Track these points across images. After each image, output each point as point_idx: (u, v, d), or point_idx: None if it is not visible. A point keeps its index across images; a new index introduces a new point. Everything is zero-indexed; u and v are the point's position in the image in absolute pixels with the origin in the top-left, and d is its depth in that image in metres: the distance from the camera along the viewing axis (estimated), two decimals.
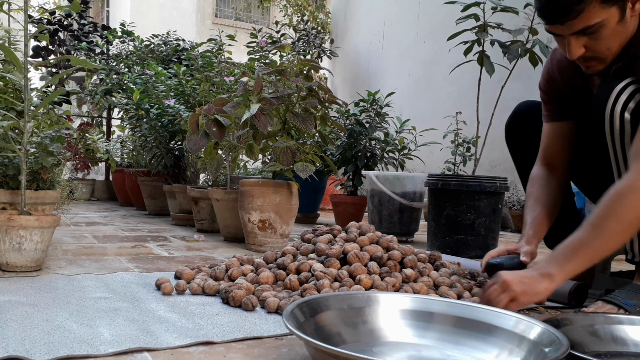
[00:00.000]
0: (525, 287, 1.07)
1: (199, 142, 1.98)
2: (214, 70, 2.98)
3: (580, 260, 1.09)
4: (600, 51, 1.20)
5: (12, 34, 1.94)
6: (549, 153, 1.50)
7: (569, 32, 1.18)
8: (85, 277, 1.45)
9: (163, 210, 3.52)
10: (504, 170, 3.82)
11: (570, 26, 1.16)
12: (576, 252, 1.09)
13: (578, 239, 1.10)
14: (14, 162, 1.56)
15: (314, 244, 1.45)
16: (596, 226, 1.09)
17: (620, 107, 1.19)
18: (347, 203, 3.28)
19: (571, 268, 1.09)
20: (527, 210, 1.43)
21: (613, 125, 1.22)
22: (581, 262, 1.09)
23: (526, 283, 1.08)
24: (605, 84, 1.24)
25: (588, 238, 1.09)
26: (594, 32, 1.16)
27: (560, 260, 1.09)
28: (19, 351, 0.84)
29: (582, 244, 1.10)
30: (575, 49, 1.20)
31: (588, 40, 1.18)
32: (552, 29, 1.20)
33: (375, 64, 5.79)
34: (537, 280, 1.08)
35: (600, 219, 1.09)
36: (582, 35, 1.18)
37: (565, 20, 1.15)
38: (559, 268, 1.09)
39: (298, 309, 0.90)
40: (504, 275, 1.09)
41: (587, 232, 1.10)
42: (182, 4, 11.63)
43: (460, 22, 2.33)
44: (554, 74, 1.47)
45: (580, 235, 1.10)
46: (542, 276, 1.09)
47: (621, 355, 0.97)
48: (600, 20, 1.14)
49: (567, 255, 1.09)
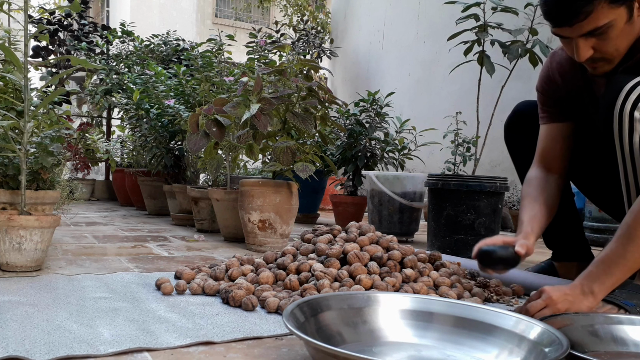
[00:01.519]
0: (569, 305, 1.08)
1: (199, 142, 1.98)
2: (214, 70, 2.98)
3: (619, 274, 1.10)
4: (608, 52, 1.19)
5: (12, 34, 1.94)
6: (546, 155, 1.49)
7: (577, 34, 1.17)
8: (85, 277, 1.45)
9: (163, 210, 3.52)
10: (504, 170, 3.83)
11: (579, 28, 1.15)
12: (615, 266, 1.10)
13: (613, 252, 1.10)
14: (14, 162, 1.56)
15: (314, 244, 1.45)
16: (629, 236, 1.09)
17: (630, 106, 1.18)
18: (347, 203, 3.28)
19: (612, 283, 1.10)
20: (524, 209, 1.42)
21: (622, 124, 1.21)
22: (620, 276, 1.10)
23: (571, 301, 1.09)
24: (614, 83, 1.23)
25: (622, 250, 1.09)
26: (602, 33, 1.15)
27: (601, 277, 1.10)
28: (19, 351, 0.84)
29: (618, 256, 1.10)
30: (584, 50, 1.19)
31: (596, 41, 1.17)
32: (560, 31, 1.19)
33: (375, 64, 5.79)
34: (580, 298, 1.10)
35: (632, 228, 1.09)
36: (591, 37, 1.17)
37: (573, 23, 1.14)
38: (601, 284, 1.10)
39: (298, 309, 0.90)
40: (550, 292, 1.10)
41: (620, 244, 1.10)
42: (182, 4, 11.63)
43: (460, 22, 2.33)
44: (554, 76, 1.46)
45: (614, 248, 1.11)
46: (585, 294, 1.10)
47: (621, 356, 0.97)
48: (609, 21, 1.13)
49: (607, 270, 1.10)
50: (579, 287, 1.12)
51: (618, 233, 1.11)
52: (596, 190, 1.67)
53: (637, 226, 1.08)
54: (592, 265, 1.13)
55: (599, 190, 1.64)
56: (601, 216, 2.93)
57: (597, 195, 1.68)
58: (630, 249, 1.08)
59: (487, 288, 1.42)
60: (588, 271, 1.13)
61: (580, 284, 1.12)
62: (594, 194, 1.69)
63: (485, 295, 1.37)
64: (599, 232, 2.91)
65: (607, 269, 1.10)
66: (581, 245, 1.73)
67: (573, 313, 1.07)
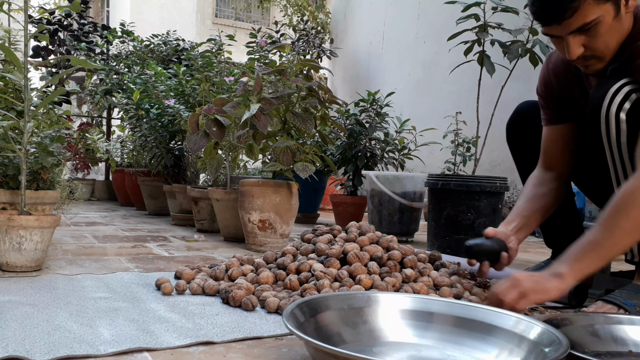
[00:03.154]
0: (535, 284, 1.08)
1: (199, 142, 1.98)
2: (214, 70, 2.98)
3: (591, 260, 1.10)
4: (598, 49, 1.21)
5: (12, 34, 1.94)
6: (548, 156, 1.51)
7: (566, 31, 1.18)
8: (85, 277, 1.45)
9: (163, 210, 3.52)
10: (504, 170, 3.82)
11: (567, 25, 1.17)
12: (586, 252, 1.10)
13: (588, 239, 1.11)
14: (14, 162, 1.56)
15: (314, 244, 1.45)
16: (606, 226, 1.10)
17: (616, 108, 1.20)
18: (347, 203, 3.28)
19: (580, 267, 1.09)
20: (520, 205, 1.45)
21: (609, 126, 1.23)
22: (592, 262, 1.10)
23: (536, 281, 1.08)
24: (600, 85, 1.25)
25: (598, 238, 1.10)
26: (591, 29, 1.17)
27: (570, 260, 1.10)
28: (19, 351, 0.84)
29: (592, 244, 1.10)
30: (574, 48, 1.20)
31: (586, 38, 1.19)
32: (550, 30, 1.21)
33: (375, 64, 5.79)
34: (547, 278, 1.09)
35: (610, 218, 1.10)
36: (580, 34, 1.18)
37: (561, 20, 1.16)
38: (569, 267, 1.09)
39: (298, 309, 0.90)
40: (515, 273, 1.11)
41: (597, 232, 1.11)
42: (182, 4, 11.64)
43: (460, 22, 2.33)
44: (550, 77, 1.48)
45: (590, 236, 1.12)
46: (553, 275, 1.09)
47: (621, 355, 0.97)
48: (597, 17, 1.15)
49: (578, 255, 1.10)
50: (547, 270, 1.12)
51: (597, 221, 1.13)
52: (595, 190, 1.67)
53: (614, 217, 1.10)
54: (568, 249, 1.13)
55: (598, 189, 1.64)
56: None
57: (597, 194, 1.68)
58: (606, 239, 1.09)
59: (487, 288, 1.42)
60: (563, 255, 1.13)
61: (551, 267, 1.12)
62: (593, 194, 1.69)
63: (485, 295, 1.37)
64: None
65: (580, 254, 1.10)
66: None
67: (573, 313, 1.07)
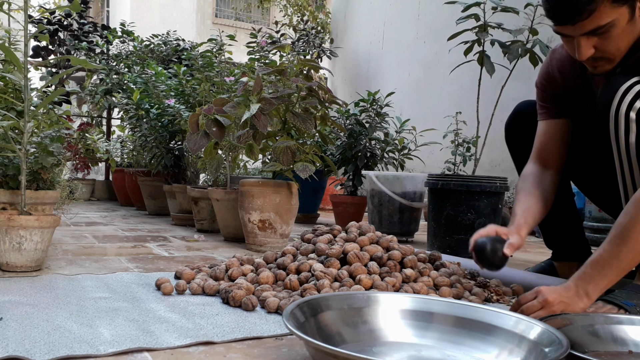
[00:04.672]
0: (565, 307, 1.10)
1: (199, 142, 1.98)
2: (214, 70, 2.98)
3: (613, 275, 1.11)
4: (609, 51, 1.19)
5: (12, 34, 1.94)
6: (543, 151, 1.50)
7: (579, 32, 1.17)
8: (85, 277, 1.45)
9: (163, 210, 3.52)
10: (504, 170, 3.82)
11: (581, 27, 1.15)
12: (609, 267, 1.10)
13: (607, 253, 1.11)
14: (14, 162, 1.56)
15: (314, 244, 1.45)
16: (623, 237, 1.09)
17: (626, 107, 1.18)
18: (347, 203, 3.28)
19: (606, 284, 1.11)
20: (518, 203, 1.43)
21: (618, 125, 1.21)
22: (614, 277, 1.11)
23: (566, 303, 1.10)
24: (610, 83, 1.23)
25: (617, 251, 1.10)
26: (604, 32, 1.15)
27: (595, 278, 1.11)
28: (19, 351, 0.84)
29: (612, 257, 1.10)
30: (585, 49, 1.19)
31: (598, 40, 1.17)
32: (562, 29, 1.19)
33: (375, 64, 5.79)
34: (575, 300, 1.11)
35: (626, 229, 1.09)
36: (592, 36, 1.17)
37: (576, 21, 1.14)
38: (595, 286, 1.11)
39: (298, 309, 0.90)
40: (546, 294, 1.11)
41: (615, 244, 1.10)
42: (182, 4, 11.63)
43: (460, 22, 2.33)
44: (553, 73, 1.47)
45: (608, 249, 1.11)
46: (580, 296, 1.11)
47: (621, 355, 0.97)
48: (611, 20, 1.13)
49: (601, 272, 1.11)
50: (573, 288, 1.12)
51: (612, 233, 1.12)
52: (596, 190, 1.67)
53: (631, 227, 1.09)
54: (586, 265, 1.14)
55: (599, 189, 1.64)
56: (601, 216, 2.93)
57: (597, 194, 1.68)
58: (624, 250, 1.09)
59: (487, 288, 1.42)
60: (582, 272, 1.13)
61: (575, 285, 1.13)
62: (593, 194, 1.69)
63: (485, 295, 1.37)
64: (599, 232, 2.91)
65: (602, 270, 1.11)
66: (581, 245, 1.73)
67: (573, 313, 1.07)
